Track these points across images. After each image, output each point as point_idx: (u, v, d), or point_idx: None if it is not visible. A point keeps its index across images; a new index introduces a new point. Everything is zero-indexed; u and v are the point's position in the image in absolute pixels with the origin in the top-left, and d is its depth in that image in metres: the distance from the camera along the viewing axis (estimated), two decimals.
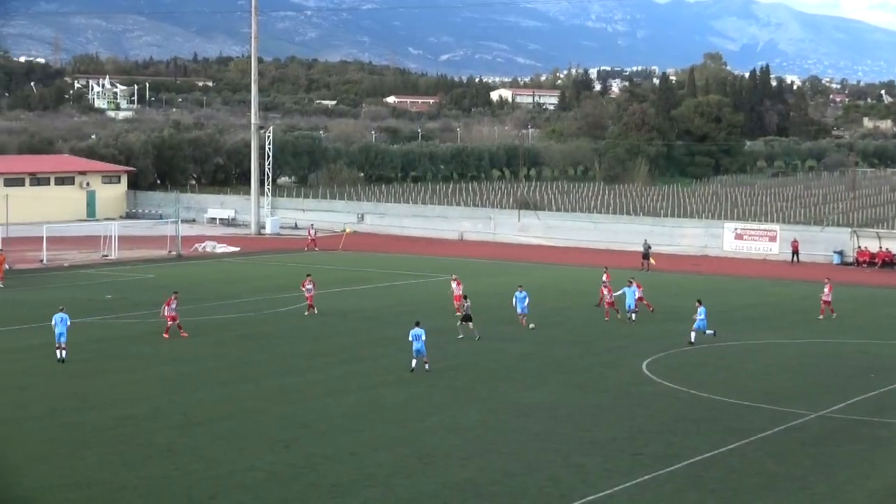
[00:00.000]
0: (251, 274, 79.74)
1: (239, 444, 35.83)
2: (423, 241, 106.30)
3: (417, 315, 54.90)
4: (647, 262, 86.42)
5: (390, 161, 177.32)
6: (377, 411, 40.40)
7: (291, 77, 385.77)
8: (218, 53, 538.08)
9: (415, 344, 46.23)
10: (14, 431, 37.00)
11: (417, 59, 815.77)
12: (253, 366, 48.05)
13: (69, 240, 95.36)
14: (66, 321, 48.36)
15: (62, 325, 48.16)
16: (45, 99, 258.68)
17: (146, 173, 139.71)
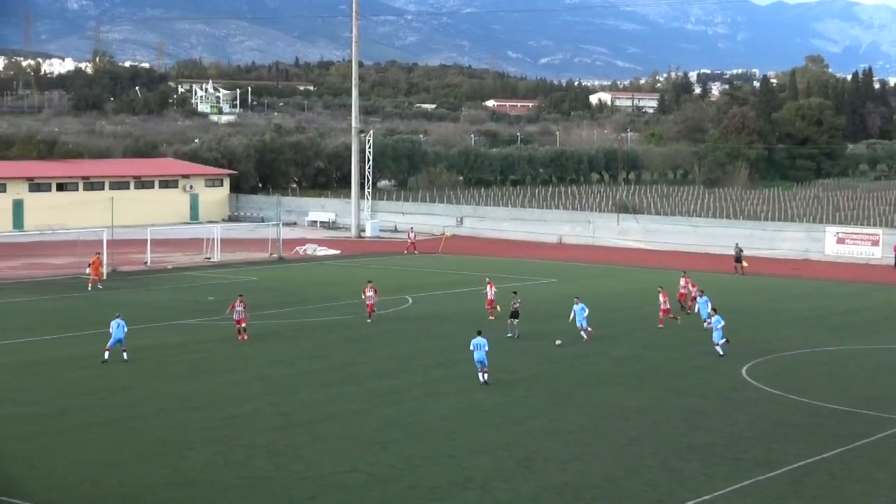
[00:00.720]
0: (351, 277, 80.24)
1: (339, 445, 36.13)
2: (521, 245, 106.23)
3: (525, 317, 55.10)
4: (740, 265, 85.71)
5: (489, 164, 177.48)
6: (476, 414, 40.53)
7: (392, 81, 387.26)
8: (319, 58, 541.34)
9: (476, 353, 45.01)
10: (120, 431, 37.57)
11: (517, 63, 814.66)
12: (353, 367, 48.39)
13: (173, 242, 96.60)
14: (123, 327, 48.76)
15: (120, 330, 48.59)
16: (150, 103, 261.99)
17: (248, 177, 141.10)
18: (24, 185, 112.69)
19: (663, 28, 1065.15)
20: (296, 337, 55.69)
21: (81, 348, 52.23)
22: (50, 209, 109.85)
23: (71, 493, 31.10)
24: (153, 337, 54.77)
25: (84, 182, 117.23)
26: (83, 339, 54.69)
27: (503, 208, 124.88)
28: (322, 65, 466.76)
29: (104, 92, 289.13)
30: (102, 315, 59.91)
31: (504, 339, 54.45)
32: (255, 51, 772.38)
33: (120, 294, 70.47)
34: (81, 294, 69.81)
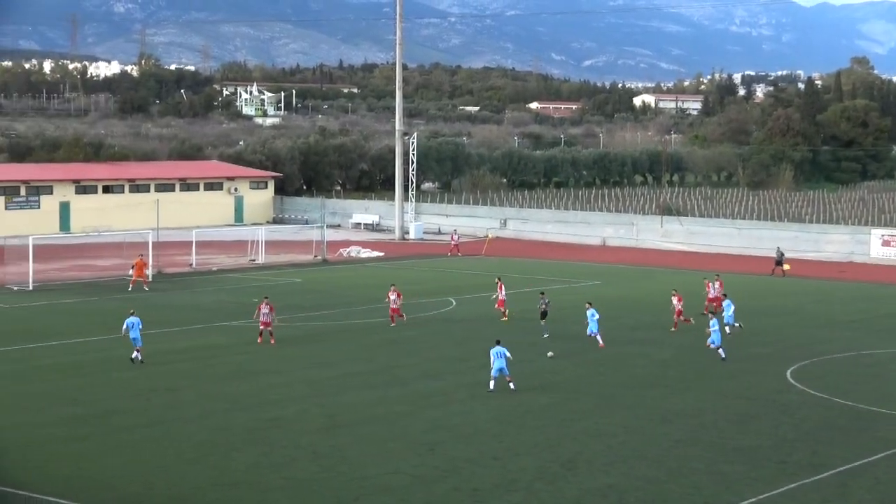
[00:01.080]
0: (395, 279, 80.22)
1: (383, 446, 36.28)
2: (565, 247, 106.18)
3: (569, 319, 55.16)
4: (780, 268, 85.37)
5: (533, 167, 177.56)
6: (520, 416, 40.58)
7: (435, 83, 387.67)
8: (363, 60, 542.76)
9: (496, 362, 44.03)
10: (166, 433, 37.86)
11: (560, 65, 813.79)
12: (397, 369, 48.53)
13: (217, 244, 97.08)
14: (137, 326, 48.86)
15: (134, 330, 48.68)
16: (195, 106, 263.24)
17: (292, 179, 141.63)
18: (70, 187, 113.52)
19: (707, 30, 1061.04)
20: (340, 339, 55.92)
21: (128, 350, 52.55)
22: (96, 211, 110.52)
23: (119, 494, 31.38)
24: (198, 338, 55.07)
25: (130, 184, 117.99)
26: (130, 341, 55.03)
27: (546, 210, 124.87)
28: (366, 67, 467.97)
29: (150, 95, 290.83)
30: (150, 317, 60.29)
31: (544, 341, 54.49)
32: (299, 53, 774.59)
33: (165, 296, 70.90)
34: (127, 295, 70.23)
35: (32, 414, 40.09)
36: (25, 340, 54.59)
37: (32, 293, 70.98)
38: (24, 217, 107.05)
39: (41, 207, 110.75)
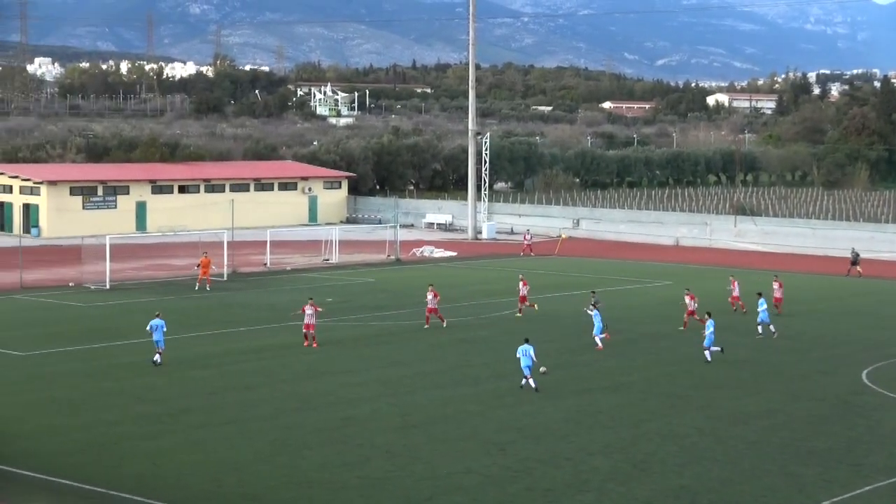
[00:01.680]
0: (468, 278, 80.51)
1: (455, 446, 36.40)
2: (638, 247, 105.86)
3: (639, 319, 55.01)
4: (854, 269, 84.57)
5: (606, 166, 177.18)
6: (592, 416, 40.58)
7: (508, 83, 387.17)
8: (436, 60, 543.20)
9: (522, 360, 44.40)
10: (240, 431, 38.19)
11: (633, 65, 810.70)
12: (469, 369, 48.64)
13: (292, 244, 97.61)
14: (161, 328, 48.53)
15: (158, 332, 48.35)
16: (269, 106, 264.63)
17: (366, 179, 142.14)
18: (147, 187, 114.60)
19: (782, 28, 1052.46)
20: (413, 339, 56.10)
21: (203, 348, 53.10)
22: (172, 211, 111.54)
23: (192, 492, 31.71)
24: (272, 338, 55.43)
25: (205, 184, 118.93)
26: (205, 339, 55.60)
27: (619, 210, 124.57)
28: (439, 67, 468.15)
29: (225, 95, 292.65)
30: (225, 315, 60.92)
31: (620, 343, 54.43)
32: (372, 54, 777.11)
33: (239, 295, 71.44)
34: (202, 294, 70.90)
35: (107, 412, 40.57)
36: (102, 339, 55.24)
37: (109, 292, 71.78)
38: (101, 217, 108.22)
39: (118, 207, 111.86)
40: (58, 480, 32.43)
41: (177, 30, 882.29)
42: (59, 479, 32.55)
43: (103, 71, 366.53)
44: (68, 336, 55.82)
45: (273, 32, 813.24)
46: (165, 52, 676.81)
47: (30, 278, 75.87)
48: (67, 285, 74.74)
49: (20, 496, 31.15)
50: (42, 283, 75.49)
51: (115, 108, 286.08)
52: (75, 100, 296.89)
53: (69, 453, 35.27)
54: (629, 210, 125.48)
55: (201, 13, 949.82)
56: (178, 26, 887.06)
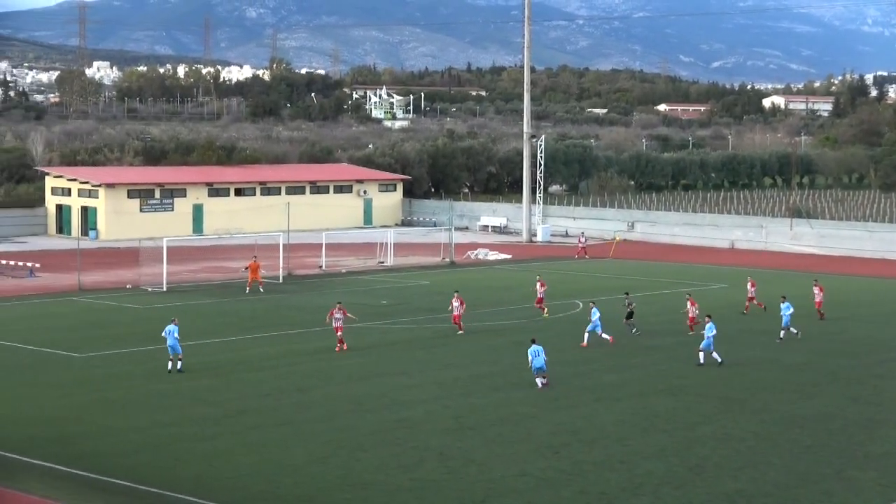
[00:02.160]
0: (523, 281, 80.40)
1: (510, 448, 36.39)
2: (693, 250, 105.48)
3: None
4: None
5: (661, 169, 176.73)
6: (647, 419, 40.46)
7: (563, 86, 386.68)
8: (491, 63, 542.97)
9: (534, 361, 45.03)
10: (295, 433, 38.34)
11: (689, 67, 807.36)
12: (524, 372, 48.49)
13: (347, 246, 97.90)
14: (173, 332, 47.90)
15: (171, 337, 47.78)
16: (325, 109, 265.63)
17: (421, 181, 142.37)
18: (203, 189, 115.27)
19: (839, 30, 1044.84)
20: (467, 341, 56.13)
21: (258, 350, 53.36)
22: (228, 213, 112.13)
23: (248, 493, 31.82)
24: (326, 340, 55.58)
25: (261, 187, 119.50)
26: (260, 341, 55.86)
27: (674, 213, 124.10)
28: (494, 70, 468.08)
29: (281, 98, 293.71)
30: (280, 317, 61.16)
31: (675, 346, 54.31)
32: (427, 57, 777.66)
33: (294, 297, 71.74)
34: (258, 297, 71.22)
35: (163, 413, 40.83)
36: (158, 341, 55.47)
37: (166, 294, 72.27)
38: (158, 219, 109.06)
39: (175, 210, 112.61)
40: (114, 481, 32.65)
41: (233, 33, 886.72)
42: (116, 479, 32.78)
43: (161, 74, 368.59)
44: (125, 338, 56.24)
45: (329, 36, 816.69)
46: (222, 56, 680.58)
47: (88, 280, 76.50)
48: (125, 287, 75.34)
49: (77, 496, 31.41)
50: (100, 286, 76.10)
51: (173, 111, 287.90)
52: (133, 103, 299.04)
53: (125, 454, 35.53)
54: (684, 213, 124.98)
55: (258, 17, 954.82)
56: (235, 30, 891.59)
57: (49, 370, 47.96)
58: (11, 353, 51.45)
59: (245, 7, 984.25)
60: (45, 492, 31.62)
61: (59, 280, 78.43)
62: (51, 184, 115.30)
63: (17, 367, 48.48)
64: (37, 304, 68.71)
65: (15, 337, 54.88)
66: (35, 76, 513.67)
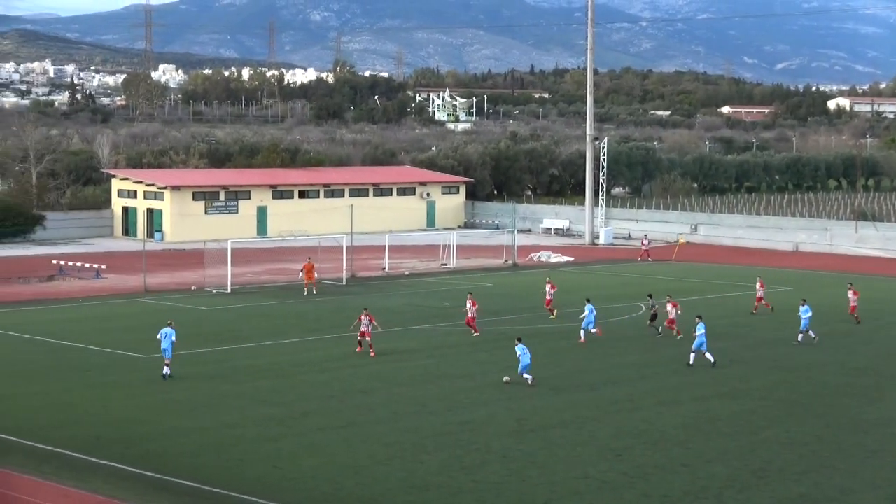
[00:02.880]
0: (585, 283, 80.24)
1: (572, 451, 36.38)
2: (757, 252, 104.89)
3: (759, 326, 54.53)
4: None
5: (724, 171, 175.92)
6: (710, 423, 40.32)
7: (626, 88, 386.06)
8: (554, 65, 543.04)
9: (523, 359, 45.82)
10: (358, 434, 38.49)
11: (752, 69, 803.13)
12: (586, 374, 48.57)
13: (410, 248, 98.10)
14: (170, 336, 47.47)
15: (166, 340, 47.31)
16: (388, 112, 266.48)
17: (483, 184, 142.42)
18: (267, 192, 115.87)
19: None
20: (529, 343, 55.76)
21: (322, 351, 53.60)
22: (292, 216, 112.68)
23: (311, 494, 31.99)
24: (390, 341, 55.77)
25: (325, 189, 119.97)
26: (324, 343, 56.12)
27: (738, 215, 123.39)
28: (557, 72, 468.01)
29: (344, 101, 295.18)
30: (343, 319, 61.33)
31: (738, 349, 54.11)
32: (491, 59, 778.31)
33: (358, 299, 71.91)
34: (321, 298, 71.52)
35: (228, 414, 41.12)
36: (223, 342, 56.03)
37: (230, 296, 72.76)
38: (223, 221, 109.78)
39: (239, 212, 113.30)
40: (178, 481, 32.92)
41: (298, 37, 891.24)
42: (180, 479, 33.05)
43: (225, 78, 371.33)
44: (190, 339, 56.57)
45: (392, 38, 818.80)
46: (287, 59, 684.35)
47: (153, 282, 77.17)
48: (189, 289, 75.88)
49: (142, 496, 31.68)
50: (165, 287, 76.72)
51: (237, 114, 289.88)
52: (198, 106, 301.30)
53: (190, 454, 35.83)
54: (748, 215, 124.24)
55: (322, 20, 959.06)
56: (299, 33, 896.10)
57: (115, 371, 48.40)
58: (78, 354, 51.97)
59: (309, 10, 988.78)
60: (112, 492, 31.92)
61: (125, 281, 79.17)
62: (117, 186, 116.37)
63: (83, 368, 48.96)
64: (103, 305, 69.38)
65: (81, 338, 55.42)
66: (102, 79, 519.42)
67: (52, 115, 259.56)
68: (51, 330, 58.81)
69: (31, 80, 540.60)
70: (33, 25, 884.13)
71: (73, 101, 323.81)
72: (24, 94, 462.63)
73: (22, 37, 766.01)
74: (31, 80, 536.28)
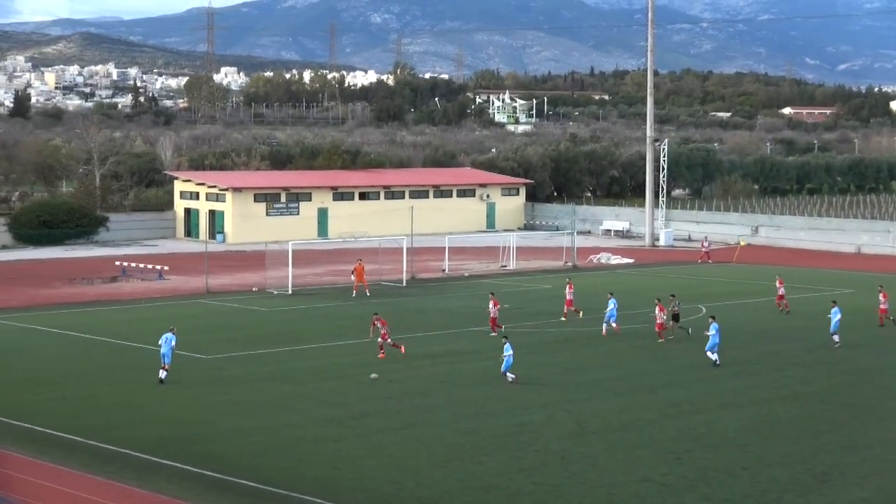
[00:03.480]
0: (645, 285, 79.98)
1: (632, 454, 36.28)
2: (818, 255, 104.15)
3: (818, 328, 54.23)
4: None
5: (785, 173, 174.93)
6: (770, 426, 40.10)
7: (686, 89, 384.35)
8: (614, 67, 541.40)
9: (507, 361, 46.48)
10: (418, 435, 38.59)
11: (814, 69, 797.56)
12: (646, 377, 48.43)
13: (469, 250, 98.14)
14: (170, 341, 47.28)
15: (167, 345, 47.17)
16: (449, 114, 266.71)
17: (544, 185, 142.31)
18: (328, 193, 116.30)
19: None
20: (589, 345, 56.06)
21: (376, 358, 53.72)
22: (352, 217, 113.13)
23: (371, 495, 32.09)
24: (449, 343, 55.85)
25: (385, 191, 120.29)
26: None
27: (799, 217, 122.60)
28: (617, 74, 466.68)
29: (405, 103, 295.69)
30: (403, 321, 61.44)
31: (800, 352, 53.80)
32: (551, 61, 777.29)
33: (418, 300, 72.11)
34: (381, 300, 71.59)
35: (288, 415, 41.33)
36: (283, 343, 56.28)
37: (291, 297, 73.09)
38: (284, 223, 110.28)
39: (300, 214, 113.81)
40: (239, 481, 33.12)
41: (358, 39, 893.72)
42: (241, 479, 33.25)
43: (286, 80, 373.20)
44: (251, 340, 56.98)
45: (452, 40, 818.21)
46: (347, 61, 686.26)
47: (215, 283, 77.65)
48: (251, 290, 76.33)
49: (204, 497, 31.88)
50: (227, 288, 77.19)
51: (298, 116, 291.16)
52: (259, 108, 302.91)
53: (250, 455, 36.03)
54: (809, 217, 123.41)
55: (382, 22, 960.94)
56: (360, 35, 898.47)
57: (177, 372, 48.67)
58: (141, 356, 52.35)
59: (370, 13, 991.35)
60: (174, 492, 32.16)
61: (187, 283, 79.74)
62: (179, 188, 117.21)
63: (146, 369, 49.28)
64: (165, 306, 69.88)
65: (144, 339, 55.81)
66: (164, 82, 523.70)
67: (116, 118, 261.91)
68: (113, 331, 59.35)
69: (94, 82, 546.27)
70: (97, 28, 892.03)
71: (136, 104, 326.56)
72: (88, 96, 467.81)
73: (86, 40, 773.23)
74: (95, 83, 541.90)
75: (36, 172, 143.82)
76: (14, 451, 36.14)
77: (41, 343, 56.34)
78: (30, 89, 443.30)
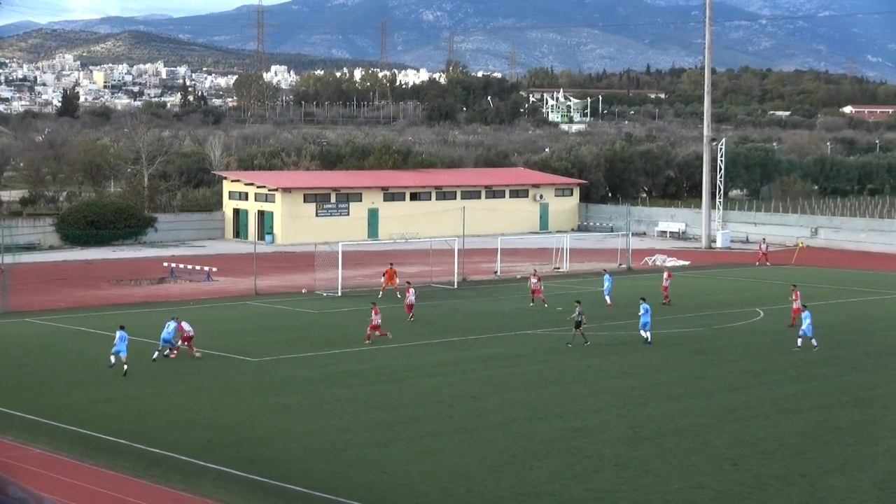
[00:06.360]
0: (701, 288, 79.13)
1: (687, 460, 35.62)
2: (880, 257, 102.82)
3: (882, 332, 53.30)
4: None
5: (846, 173, 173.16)
6: (829, 432, 39.29)
7: (744, 88, 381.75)
8: (670, 65, 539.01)
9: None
10: (470, 440, 38.04)
11: (876, 67, 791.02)
12: (702, 381, 47.71)
13: (522, 251, 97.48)
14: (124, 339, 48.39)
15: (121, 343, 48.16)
16: (501, 113, 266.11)
17: (598, 186, 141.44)
18: (379, 194, 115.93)
19: None
20: (645, 349, 55.32)
21: (432, 356, 53.22)
22: (403, 218, 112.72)
23: (420, 500, 31.64)
24: (501, 346, 55.28)
25: (437, 191, 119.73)
26: (434, 347, 55.72)
27: (860, 219, 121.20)
28: (673, 72, 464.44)
29: (457, 102, 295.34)
30: (454, 324, 60.94)
31: (861, 357, 52.91)
32: (605, 59, 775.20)
33: (469, 303, 71.59)
34: (432, 303, 71.06)
35: (337, 419, 40.88)
36: (333, 346, 55.89)
37: (340, 299, 72.73)
38: (333, 223, 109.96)
39: (350, 214, 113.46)
40: (287, 486, 32.75)
41: (410, 37, 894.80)
42: (288, 484, 32.89)
43: (337, 78, 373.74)
44: (300, 342, 56.63)
45: (505, 38, 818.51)
46: (398, 59, 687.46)
47: (264, 285, 77.45)
48: (300, 292, 76.03)
49: (251, 501, 31.56)
50: (275, 290, 76.94)
51: (349, 115, 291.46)
52: (310, 107, 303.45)
53: (299, 459, 35.62)
54: (870, 218, 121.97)
55: (434, 20, 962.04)
56: (412, 33, 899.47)
57: (226, 374, 48.44)
58: (189, 357, 52.06)
59: (422, 10, 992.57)
60: (221, 496, 31.82)
61: (236, 284, 79.57)
62: (228, 188, 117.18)
63: (194, 371, 49.05)
64: (213, 307, 69.69)
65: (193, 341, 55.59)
66: (213, 80, 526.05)
67: (164, 117, 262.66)
68: (161, 333, 59.03)
69: (143, 81, 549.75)
70: (146, 27, 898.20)
71: (184, 103, 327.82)
72: (137, 95, 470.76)
73: (135, 38, 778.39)
74: (144, 82, 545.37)
75: (84, 172, 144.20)
76: (62, 455, 35.92)
77: (88, 345, 56.15)
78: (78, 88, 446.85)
